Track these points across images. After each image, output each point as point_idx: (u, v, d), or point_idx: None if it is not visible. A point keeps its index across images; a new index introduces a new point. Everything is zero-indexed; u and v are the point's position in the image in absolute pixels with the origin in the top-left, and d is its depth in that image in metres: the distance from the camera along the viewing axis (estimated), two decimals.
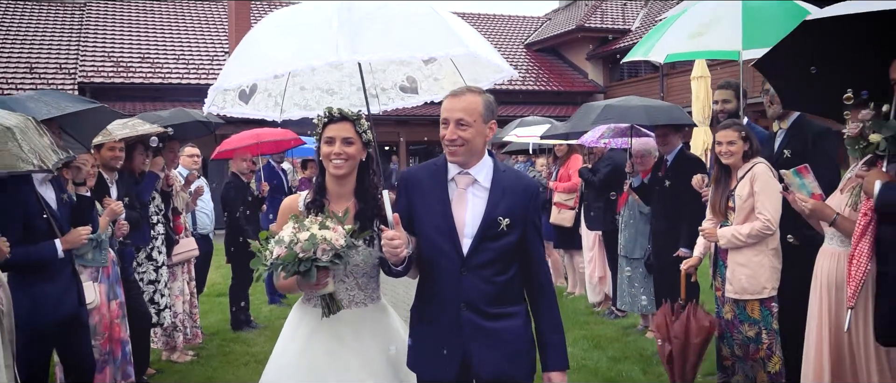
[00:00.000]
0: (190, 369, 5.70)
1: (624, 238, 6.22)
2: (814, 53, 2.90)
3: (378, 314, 2.74)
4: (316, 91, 3.13)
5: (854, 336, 3.00)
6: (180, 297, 5.86)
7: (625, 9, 24.95)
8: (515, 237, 2.52)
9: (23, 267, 3.01)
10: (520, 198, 2.53)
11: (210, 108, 2.84)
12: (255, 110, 3.04)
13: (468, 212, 2.52)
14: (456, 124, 2.47)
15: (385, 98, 3.21)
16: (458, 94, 2.53)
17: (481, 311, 2.50)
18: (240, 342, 6.53)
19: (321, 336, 2.62)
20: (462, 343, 2.50)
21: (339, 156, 2.60)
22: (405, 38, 2.57)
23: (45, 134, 2.88)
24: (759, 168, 3.96)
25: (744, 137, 4.03)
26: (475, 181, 2.55)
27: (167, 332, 5.78)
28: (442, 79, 3.12)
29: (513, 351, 2.54)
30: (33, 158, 2.66)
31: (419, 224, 2.56)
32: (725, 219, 4.11)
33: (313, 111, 3.03)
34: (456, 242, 2.50)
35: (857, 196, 2.98)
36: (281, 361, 2.69)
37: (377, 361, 2.66)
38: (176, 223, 5.55)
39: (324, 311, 2.57)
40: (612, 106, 5.32)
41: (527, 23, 27.20)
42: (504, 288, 2.54)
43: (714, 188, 4.20)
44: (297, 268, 2.39)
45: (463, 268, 2.49)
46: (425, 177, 2.61)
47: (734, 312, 4.05)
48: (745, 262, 3.94)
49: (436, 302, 2.55)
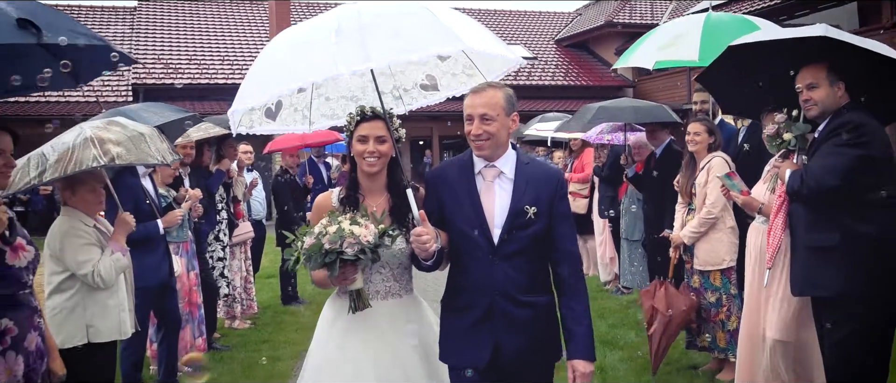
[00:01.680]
0: (248, 334, 6.71)
1: (624, 223, 7.03)
2: (740, 69, 3.68)
3: (413, 305, 2.83)
4: (341, 99, 3.16)
5: (773, 290, 3.78)
6: (238, 273, 6.85)
7: (653, 5, 25.41)
8: (543, 225, 2.60)
9: (134, 240, 3.97)
10: (544, 187, 2.62)
11: (238, 129, 2.85)
12: (284, 126, 3.09)
13: (496, 203, 2.60)
14: (480, 119, 2.56)
15: (408, 98, 3.22)
16: (479, 90, 2.62)
17: (513, 299, 2.57)
18: (289, 314, 7.52)
19: (359, 327, 2.68)
20: (494, 330, 2.57)
21: (372, 154, 2.67)
22: (403, 41, 2.53)
23: (164, 140, 3.85)
24: (715, 161, 4.72)
25: (709, 131, 4.80)
26: (501, 173, 2.63)
27: (227, 303, 6.78)
28: (459, 73, 3.13)
29: (541, 337, 2.63)
30: (158, 155, 3.64)
31: (450, 218, 2.64)
32: (690, 200, 4.90)
33: (340, 120, 3.07)
34: (487, 233, 2.57)
35: (773, 182, 3.76)
36: (322, 354, 2.76)
37: (409, 350, 2.73)
38: (236, 209, 6.53)
39: (350, 306, 2.64)
40: (606, 107, 6.14)
41: (557, 18, 27.78)
42: (534, 276, 2.62)
43: (682, 173, 5.00)
44: (322, 260, 2.47)
45: (494, 257, 2.57)
46: (452, 173, 2.70)
47: (700, 282, 4.84)
48: (706, 239, 4.73)
49: (469, 292, 2.62)
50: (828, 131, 3.42)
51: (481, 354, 2.58)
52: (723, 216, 4.66)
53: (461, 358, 2.63)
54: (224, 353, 6.00)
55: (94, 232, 3.59)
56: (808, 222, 3.42)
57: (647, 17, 24.36)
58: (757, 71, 3.68)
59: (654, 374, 4.84)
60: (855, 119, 3.34)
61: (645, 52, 4.96)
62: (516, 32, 26.15)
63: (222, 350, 6.08)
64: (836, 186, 3.28)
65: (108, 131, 3.60)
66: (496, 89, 2.61)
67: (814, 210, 3.40)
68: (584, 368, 2.60)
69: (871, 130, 3.33)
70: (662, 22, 23.61)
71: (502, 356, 2.59)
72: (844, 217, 3.31)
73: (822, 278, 3.33)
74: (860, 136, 3.29)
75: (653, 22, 24.10)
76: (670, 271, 5.07)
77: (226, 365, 5.67)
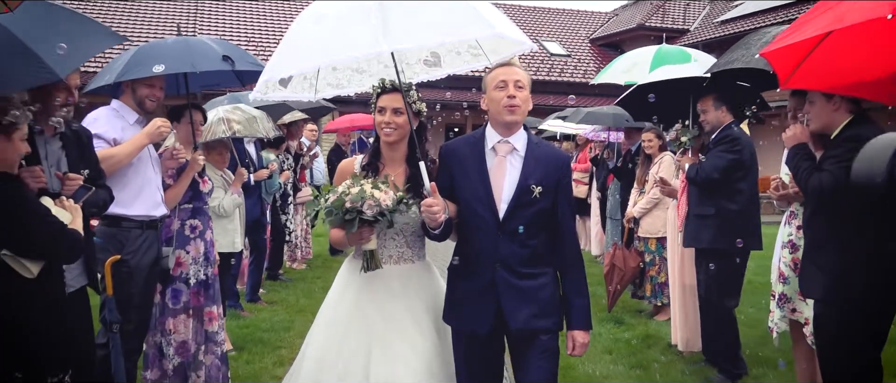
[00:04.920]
0: (304, 272, 8.60)
1: (609, 204, 8.69)
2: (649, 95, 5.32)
3: (424, 271, 2.96)
4: (347, 70, 3.19)
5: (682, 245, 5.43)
6: (300, 226, 8.72)
7: (687, 9, 26.33)
8: (547, 204, 2.70)
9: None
10: (552, 169, 2.73)
11: (255, 95, 2.96)
12: (293, 93, 3.14)
13: (505, 179, 2.70)
14: (515, 85, 2.67)
15: (410, 72, 3.22)
16: (512, 63, 2.75)
17: (514, 271, 2.69)
18: (336, 261, 9.37)
19: (373, 286, 2.83)
20: (496, 298, 2.69)
21: (388, 125, 2.78)
22: (433, 23, 2.57)
23: (269, 120, 5.67)
24: (665, 159, 6.34)
25: (658, 136, 6.43)
26: (514, 149, 2.73)
27: (290, 249, 8.65)
28: (464, 52, 3.15)
29: (541, 306, 2.73)
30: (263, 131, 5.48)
31: (459, 191, 2.75)
32: (643, 186, 6.56)
33: (345, 89, 3.17)
34: (493, 207, 2.68)
35: (678, 171, 5.42)
36: (334, 310, 2.92)
37: (420, 312, 2.86)
38: (301, 174, 8.39)
39: (363, 265, 2.77)
40: (592, 112, 7.83)
41: (593, 18, 28.70)
42: (536, 251, 2.72)
43: (640, 167, 6.66)
44: (343, 217, 2.62)
45: (499, 230, 2.68)
46: (464, 149, 2.80)
47: (643, 245, 6.51)
48: (650, 215, 6.39)
49: (473, 262, 2.73)
50: (715, 140, 5.03)
51: (483, 320, 2.71)
52: (663, 199, 6.31)
53: (464, 323, 2.77)
54: (287, 283, 7.89)
55: (221, 178, 5.40)
56: (696, 199, 5.05)
57: (679, 22, 25.25)
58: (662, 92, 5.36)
59: (610, 312, 6.53)
60: (732, 134, 4.95)
61: (613, 72, 6.62)
62: (552, 30, 27.17)
63: (286, 281, 7.96)
64: (717, 178, 4.89)
65: (233, 113, 5.42)
66: (520, 67, 2.75)
67: (701, 191, 5.01)
68: (582, 338, 2.78)
69: (743, 143, 4.94)
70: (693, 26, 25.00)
71: (504, 324, 2.71)
72: (720, 198, 4.92)
73: (703, 236, 4.96)
74: (734, 146, 4.89)
75: (684, 27, 25.20)
76: (624, 237, 6.74)
77: (289, 291, 7.55)
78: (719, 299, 4.89)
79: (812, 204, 3.49)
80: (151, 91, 3.70)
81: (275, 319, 6.30)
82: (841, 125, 3.34)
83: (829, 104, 3.27)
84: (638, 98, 5.41)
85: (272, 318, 6.33)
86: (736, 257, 4.87)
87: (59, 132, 3.05)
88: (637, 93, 5.41)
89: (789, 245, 4.10)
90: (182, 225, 4.12)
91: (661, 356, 5.43)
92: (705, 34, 23.26)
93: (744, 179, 4.91)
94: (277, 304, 6.95)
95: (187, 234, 4.13)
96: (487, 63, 3.00)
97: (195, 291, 4.13)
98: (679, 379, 4.91)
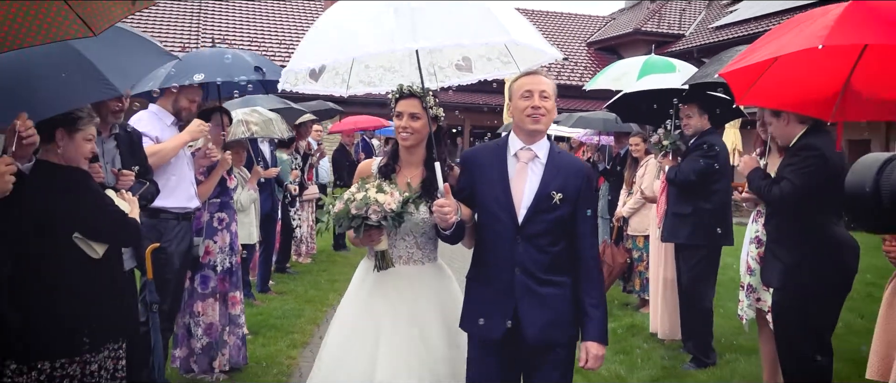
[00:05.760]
0: (310, 266, 9.07)
1: (600, 205, 9.15)
2: (633, 101, 5.79)
3: (434, 272, 2.99)
4: (378, 69, 3.27)
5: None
6: (306, 222, 9.17)
7: (683, 14, 26.75)
8: (566, 212, 2.70)
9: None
10: (572, 178, 2.73)
11: (284, 86, 3.01)
12: (325, 88, 3.19)
13: (526, 185, 2.72)
14: (540, 95, 2.69)
15: (442, 76, 3.30)
16: (538, 72, 2.78)
17: (533, 276, 2.69)
18: (339, 256, 9.86)
19: (384, 285, 2.89)
20: (513, 303, 2.68)
21: (405, 129, 2.84)
22: (454, 26, 2.64)
23: (284, 123, 6.14)
24: (651, 162, 6.81)
25: (644, 140, 6.90)
26: (536, 156, 2.74)
27: (296, 243, 9.10)
28: (495, 58, 3.21)
29: (557, 315, 2.72)
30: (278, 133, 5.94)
31: (480, 196, 2.76)
32: (631, 188, 7.03)
33: (376, 88, 3.25)
34: (512, 212, 2.69)
35: (658, 172, 5.89)
36: (350, 307, 3.00)
37: (426, 314, 2.89)
38: (309, 173, 8.85)
39: (375, 265, 2.86)
40: (584, 117, 8.30)
41: (591, 22, 29.01)
42: (555, 257, 2.72)
43: (628, 169, 7.12)
44: (349, 224, 2.67)
45: (518, 235, 2.68)
46: (486, 155, 2.83)
47: (631, 243, 6.98)
48: (638, 214, 6.86)
49: (492, 266, 2.74)
50: (694, 145, 5.50)
51: (499, 325, 2.69)
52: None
53: (481, 328, 2.74)
54: (294, 276, 8.34)
55: (238, 176, 5.86)
56: (675, 198, 5.52)
57: (675, 27, 25.52)
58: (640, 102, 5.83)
59: None
60: (710, 140, 5.42)
61: (605, 80, 7.10)
62: (549, 32, 27.35)
63: (293, 274, 8.42)
64: (694, 180, 5.36)
65: (251, 116, 5.89)
66: (547, 78, 2.77)
67: (679, 191, 5.48)
68: (597, 350, 2.72)
69: (720, 148, 5.42)
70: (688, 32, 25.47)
71: (521, 329, 2.69)
72: (697, 197, 5.38)
73: (680, 232, 5.42)
74: (711, 151, 5.36)
75: (680, 32, 25.65)
76: (613, 235, 7.21)
77: (298, 282, 8.01)
78: (695, 289, 5.37)
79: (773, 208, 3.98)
80: (192, 105, 4.18)
81: (286, 308, 6.75)
82: (797, 135, 3.84)
83: (780, 120, 3.76)
84: (624, 103, 5.89)
85: (283, 307, 6.78)
86: (710, 251, 5.35)
87: (114, 133, 3.51)
88: (623, 99, 5.89)
89: (756, 240, 4.56)
90: (211, 217, 4.58)
91: (643, 343, 5.89)
92: (700, 39, 23.70)
93: (718, 181, 5.38)
94: (287, 294, 7.40)
95: (215, 226, 4.59)
96: (516, 70, 3.08)
97: (221, 278, 4.59)
98: (658, 363, 5.38)
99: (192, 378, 4.57)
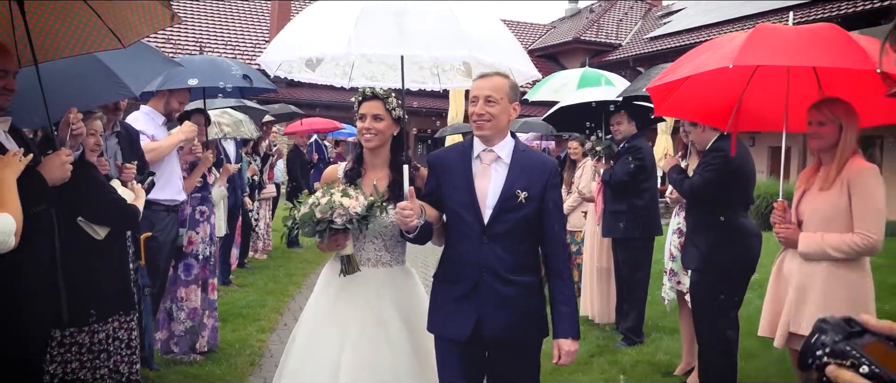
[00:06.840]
0: (266, 261, 9.44)
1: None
2: (569, 112, 6.45)
3: (402, 275, 3.00)
4: (381, 65, 3.31)
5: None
6: (263, 220, 9.54)
7: (620, 25, 27.89)
8: (532, 210, 2.69)
9: None
10: (537, 175, 2.71)
11: (277, 72, 3.03)
12: (323, 77, 3.22)
13: (490, 185, 2.71)
14: (484, 101, 2.67)
15: (445, 78, 3.35)
16: (488, 75, 2.75)
17: (499, 277, 2.67)
18: (293, 253, 10.24)
19: (349, 291, 2.88)
20: (478, 304, 2.68)
21: (368, 131, 2.85)
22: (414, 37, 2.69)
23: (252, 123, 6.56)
24: (588, 164, 7.49)
25: (582, 143, 7.58)
26: (498, 158, 2.73)
27: (253, 240, 9.46)
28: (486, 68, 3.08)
29: (522, 315, 2.71)
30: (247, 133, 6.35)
31: (446, 198, 2.77)
32: (570, 188, 7.71)
33: (379, 82, 3.26)
34: (478, 213, 2.68)
35: (594, 174, 6.57)
36: (315, 310, 2.99)
37: (392, 319, 2.89)
38: (270, 173, 9.23)
39: (341, 269, 2.83)
40: (528, 122, 8.98)
41: (532, 30, 29.86)
42: (521, 257, 2.71)
43: (567, 170, 7.81)
44: (314, 228, 2.66)
45: (484, 236, 2.67)
46: (451, 158, 2.83)
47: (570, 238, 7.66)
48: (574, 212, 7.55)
49: (458, 267, 2.74)
50: (624, 150, 6.19)
51: (464, 326, 2.69)
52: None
53: (445, 329, 2.76)
54: (252, 270, 8.72)
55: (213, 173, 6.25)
56: (610, 198, 6.19)
57: (613, 36, 26.64)
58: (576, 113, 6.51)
59: None
60: (637, 144, 6.12)
61: (546, 91, 7.77)
62: None
63: (251, 269, 8.79)
64: (625, 180, 6.04)
65: (222, 117, 6.30)
66: (503, 77, 2.75)
67: (614, 191, 6.15)
68: (569, 346, 2.73)
69: (646, 151, 6.12)
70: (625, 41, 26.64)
71: (485, 330, 2.69)
72: (630, 195, 6.07)
73: (616, 228, 6.10)
74: (638, 154, 6.05)
75: (617, 41, 26.75)
76: None
77: (257, 276, 8.39)
78: (633, 277, 6.06)
79: (689, 200, 4.67)
80: (181, 107, 4.60)
81: (249, 298, 7.15)
82: (711, 140, 4.55)
83: (697, 128, 4.47)
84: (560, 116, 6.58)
85: (246, 297, 7.18)
86: (644, 242, 6.06)
87: (115, 131, 3.92)
88: (559, 112, 6.56)
89: (678, 231, 5.25)
90: (193, 210, 4.99)
91: (580, 326, 6.54)
92: (636, 49, 24.87)
93: (647, 180, 6.09)
94: (248, 287, 7.78)
95: (197, 218, 5.00)
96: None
97: (202, 265, 5.01)
98: (594, 342, 6.03)
99: (173, 357, 4.96)
